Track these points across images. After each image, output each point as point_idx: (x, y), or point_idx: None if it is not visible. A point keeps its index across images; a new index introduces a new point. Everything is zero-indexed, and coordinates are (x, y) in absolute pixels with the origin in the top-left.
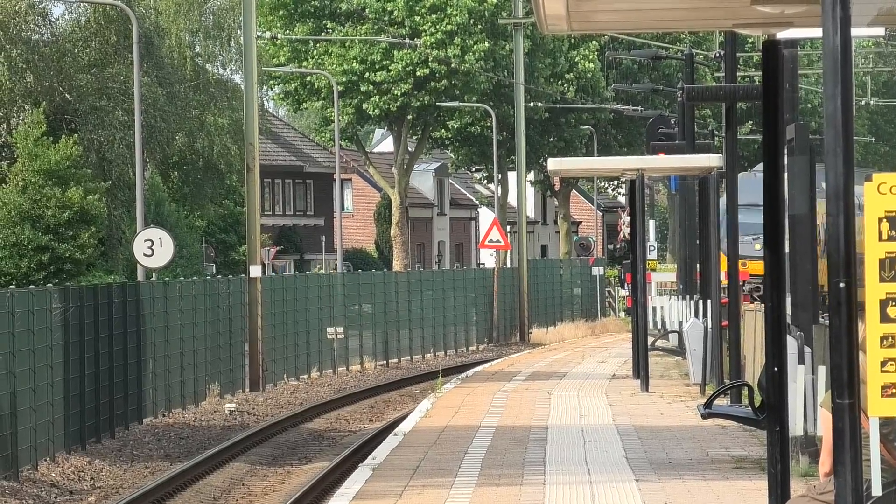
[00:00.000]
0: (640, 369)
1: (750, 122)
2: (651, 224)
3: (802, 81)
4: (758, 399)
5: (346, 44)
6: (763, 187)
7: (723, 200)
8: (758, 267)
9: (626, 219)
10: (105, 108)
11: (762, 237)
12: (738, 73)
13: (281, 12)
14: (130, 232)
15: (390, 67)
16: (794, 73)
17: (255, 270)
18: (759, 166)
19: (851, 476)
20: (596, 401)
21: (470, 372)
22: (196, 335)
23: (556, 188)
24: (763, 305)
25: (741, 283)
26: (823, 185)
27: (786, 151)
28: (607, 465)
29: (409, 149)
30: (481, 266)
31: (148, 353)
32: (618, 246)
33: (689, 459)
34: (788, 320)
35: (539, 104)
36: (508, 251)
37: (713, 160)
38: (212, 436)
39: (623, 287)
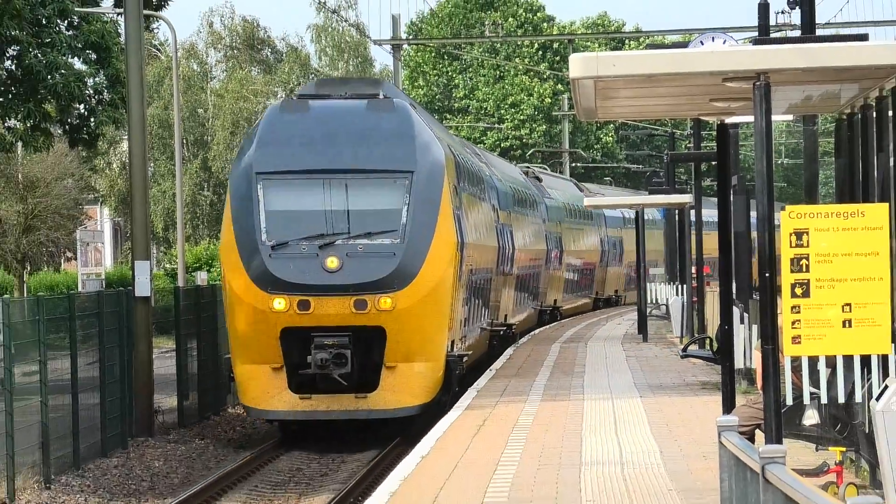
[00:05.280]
0: (642, 329)
1: (709, 178)
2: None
3: (742, 149)
4: (715, 346)
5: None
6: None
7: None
8: (326, 315)
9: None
10: None
11: (335, 256)
12: (702, 144)
13: None
14: None
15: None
16: (737, 144)
17: None
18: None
19: (773, 392)
20: (615, 348)
21: (536, 331)
22: None
23: None
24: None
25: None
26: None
27: (731, 193)
28: (622, 387)
29: None
30: None
31: None
32: None
33: (672, 383)
34: (734, 297)
35: (578, 164)
36: None
37: (686, 198)
38: None
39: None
